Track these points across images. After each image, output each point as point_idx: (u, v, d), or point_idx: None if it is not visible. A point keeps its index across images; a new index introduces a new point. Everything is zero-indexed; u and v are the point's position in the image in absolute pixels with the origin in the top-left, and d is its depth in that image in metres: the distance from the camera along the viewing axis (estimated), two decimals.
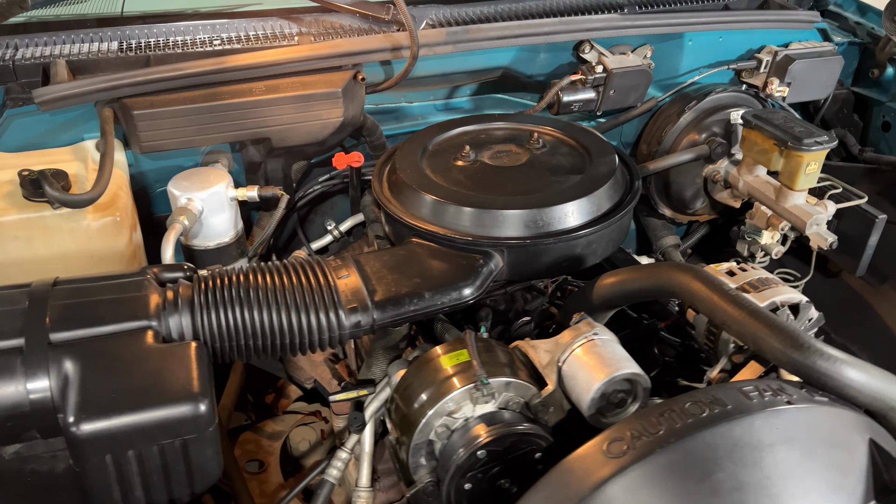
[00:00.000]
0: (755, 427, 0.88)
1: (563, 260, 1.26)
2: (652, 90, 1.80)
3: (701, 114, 1.74)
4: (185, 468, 0.97)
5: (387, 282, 1.16)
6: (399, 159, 1.40)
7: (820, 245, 1.62)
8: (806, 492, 0.86)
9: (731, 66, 1.79)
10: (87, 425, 0.90)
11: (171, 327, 1.04)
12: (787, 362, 0.97)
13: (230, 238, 1.43)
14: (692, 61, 1.81)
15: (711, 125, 1.74)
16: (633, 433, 0.88)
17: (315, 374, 1.76)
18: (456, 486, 0.98)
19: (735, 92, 1.77)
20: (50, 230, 1.25)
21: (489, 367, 1.04)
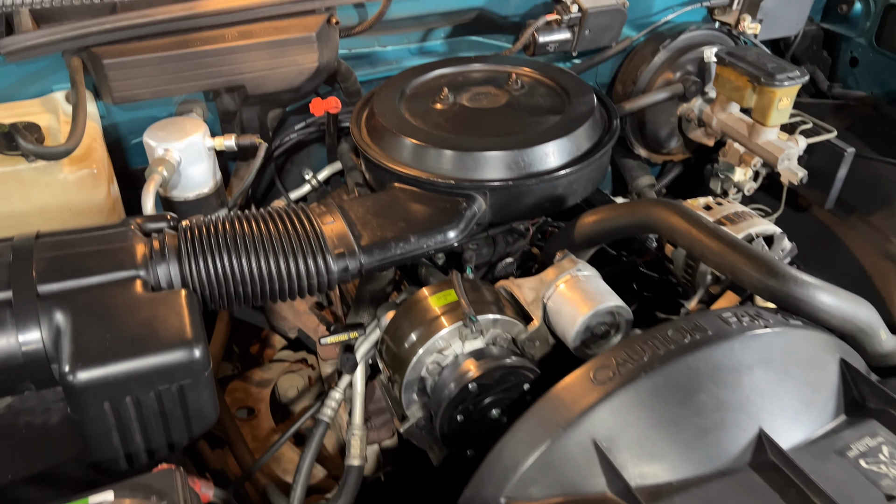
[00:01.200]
0: (735, 350, 0.92)
1: (544, 201, 1.28)
2: (626, 30, 1.80)
3: (675, 52, 1.74)
4: (182, 413, 0.99)
5: (372, 227, 1.17)
6: (377, 104, 1.39)
7: (791, 180, 1.66)
8: (781, 408, 0.91)
9: (704, 3, 1.79)
10: (83, 374, 0.91)
11: (159, 276, 1.05)
12: (763, 289, 1.01)
13: (209, 189, 1.42)
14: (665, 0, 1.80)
15: (685, 64, 1.75)
16: (618, 361, 0.92)
17: (299, 324, 1.78)
18: (448, 418, 1.02)
19: (708, 30, 1.78)
20: (26, 184, 1.23)
21: (476, 306, 1.07)
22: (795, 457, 0.86)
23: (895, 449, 0.88)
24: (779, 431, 0.89)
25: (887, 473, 0.85)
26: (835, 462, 0.87)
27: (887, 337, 1.08)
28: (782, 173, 1.66)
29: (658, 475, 0.86)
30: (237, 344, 1.88)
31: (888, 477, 0.84)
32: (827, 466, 0.86)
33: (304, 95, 1.60)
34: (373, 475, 1.40)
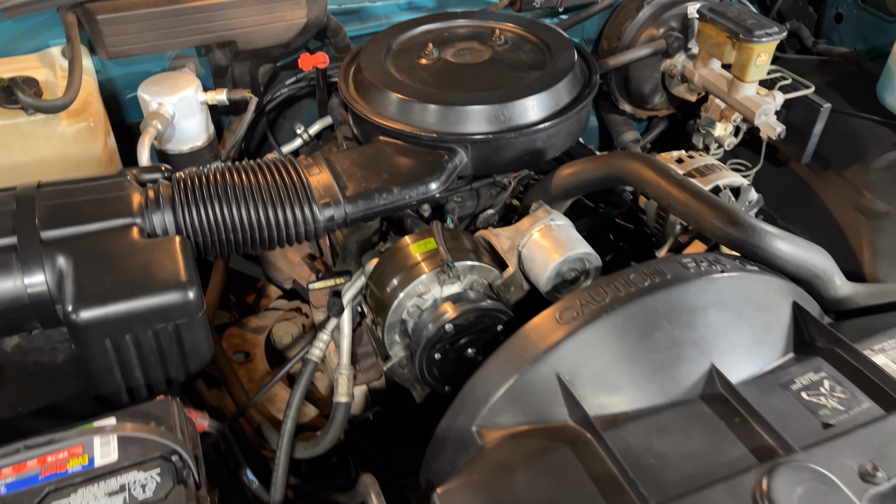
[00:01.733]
0: (691, 292, 0.98)
1: (524, 154, 1.33)
2: None
3: (659, 8, 1.77)
4: (178, 350, 1.06)
5: (357, 178, 1.22)
6: (364, 59, 1.43)
7: (769, 135, 1.70)
8: (733, 346, 0.98)
9: None
10: (85, 313, 0.98)
11: (154, 224, 1.11)
12: (724, 237, 1.07)
13: (203, 142, 1.48)
14: None
15: (669, 20, 1.77)
16: (582, 302, 0.98)
17: (293, 274, 1.85)
18: (427, 356, 1.09)
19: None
20: (26, 137, 1.28)
21: (455, 253, 1.13)
22: (742, 389, 0.93)
23: (835, 383, 0.95)
24: (729, 367, 0.96)
25: (826, 404, 0.92)
26: (779, 394, 0.94)
27: (842, 283, 1.14)
28: (761, 128, 1.70)
29: (615, 405, 0.94)
30: (234, 294, 1.96)
31: (826, 407, 0.92)
32: (771, 398, 0.94)
33: (294, 51, 1.64)
34: (362, 415, 1.49)
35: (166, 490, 0.81)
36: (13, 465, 0.83)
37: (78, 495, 0.81)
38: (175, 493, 0.81)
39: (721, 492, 0.78)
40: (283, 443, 1.18)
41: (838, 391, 0.94)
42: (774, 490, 0.77)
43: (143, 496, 0.81)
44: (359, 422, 1.50)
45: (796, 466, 0.80)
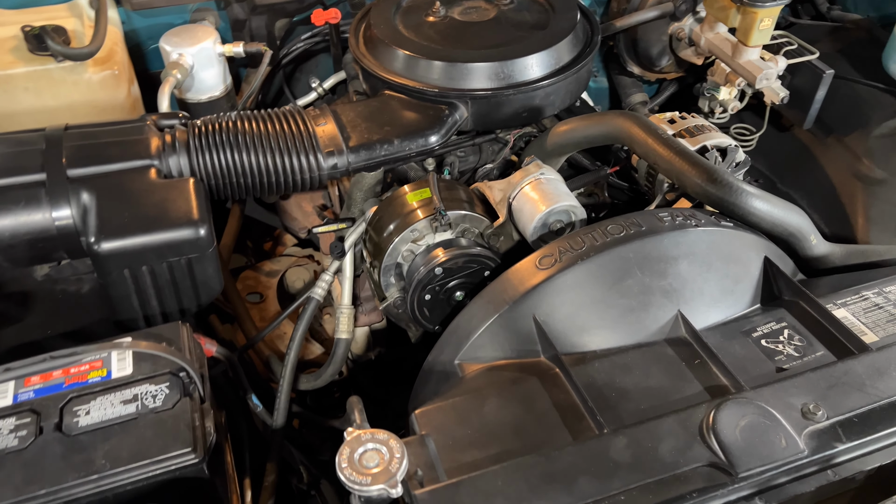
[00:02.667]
0: (663, 244, 1.05)
1: (522, 110, 1.38)
2: None
3: None
4: (191, 282, 1.16)
5: (360, 129, 1.30)
6: (374, 15, 1.49)
7: (773, 99, 1.74)
8: (700, 295, 1.05)
9: None
10: (106, 244, 1.08)
11: (170, 166, 1.20)
12: (702, 194, 1.13)
13: (220, 92, 1.55)
14: None
15: None
16: (560, 249, 1.05)
17: (307, 224, 1.94)
18: (418, 297, 1.17)
19: None
20: (55, 82, 1.37)
21: (448, 203, 1.21)
22: (705, 334, 1.00)
23: (794, 332, 1.02)
24: (696, 314, 1.03)
25: (782, 351, 0.99)
26: (739, 340, 1.01)
27: (818, 242, 1.19)
28: (765, 93, 1.73)
29: (585, 345, 1.01)
30: (251, 240, 2.05)
31: (782, 354, 0.99)
32: (731, 343, 1.01)
33: (309, 6, 1.69)
34: (364, 355, 1.59)
35: (174, 401, 0.91)
36: (41, 374, 0.94)
37: (97, 402, 0.91)
38: (181, 404, 0.91)
39: (671, 422, 0.86)
40: (286, 372, 1.28)
41: (796, 339, 1.01)
42: (719, 422, 0.84)
43: (153, 405, 0.91)
44: (362, 361, 1.60)
45: (742, 402, 0.87)
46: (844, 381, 0.90)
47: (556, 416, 0.91)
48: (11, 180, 1.11)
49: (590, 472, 0.81)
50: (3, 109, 1.38)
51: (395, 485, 0.78)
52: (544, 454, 0.83)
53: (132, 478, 0.85)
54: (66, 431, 0.88)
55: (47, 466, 0.84)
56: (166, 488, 0.88)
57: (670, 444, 0.84)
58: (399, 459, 0.79)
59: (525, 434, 0.89)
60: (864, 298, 1.06)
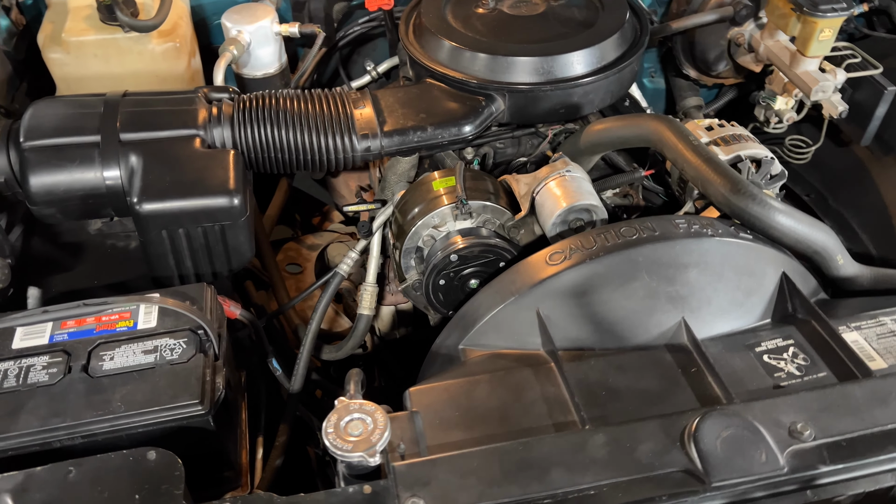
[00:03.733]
0: (675, 250, 1.05)
1: (559, 107, 1.39)
2: None
3: None
4: (223, 248, 1.23)
5: (397, 115, 1.34)
6: (425, 4, 1.52)
7: (831, 113, 1.68)
8: (707, 304, 1.05)
9: None
10: (146, 205, 1.16)
11: (214, 137, 1.27)
12: (725, 204, 1.12)
13: (275, 69, 1.62)
14: None
15: None
16: (571, 247, 1.07)
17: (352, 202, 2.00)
18: (433, 281, 1.21)
19: None
20: (122, 51, 1.47)
21: (472, 192, 1.24)
22: (706, 344, 1.01)
23: (800, 351, 1.01)
24: (700, 323, 1.03)
25: (783, 368, 0.98)
26: (741, 353, 1.01)
27: (845, 262, 1.17)
28: (824, 106, 1.69)
29: (584, 342, 1.03)
30: (300, 213, 2.14)
31: (783, 371, 0.98)
32: (732, 355, 1.01)
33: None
34: (390, 334, 1.64)
35: (189, 356, 0.99)
36: (76, 319, 1.03)
37: (121, 349, 0.99)
38: (195, 359, 0.98)
39: (654, 426, 0.87)
40: (307, 340, 1.34)
41: (800, 358, 1.00)
42: (701, 430, 0.85)
43: (170, 357, 0.98)
44: (388, 339, 1.65)
45: (728, 413, 0.87)
46: (839, 405, 0.89)
47: (543, 408, 0.93)
48: (69, 139, 1.20)
49: (564, 464, 0.83)
50: (74, 73, 1.48)
51: (374, 454, 0.82)
52: (523, 442, 0.86)
53: (143, 421, 0.93)
54: (91, 373, 0.96)
55: (70, 403, 0.93)
56: (174, 435, 0.95)
57: (649, 446, 0.85)
58: (381, 431, 0.84)
59: (510, 421, 0.92)
60: (880, 324, 1.03)
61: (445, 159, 1.52)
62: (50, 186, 1.19)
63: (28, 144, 1.19)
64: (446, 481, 0.82)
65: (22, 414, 0.91)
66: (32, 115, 1.23)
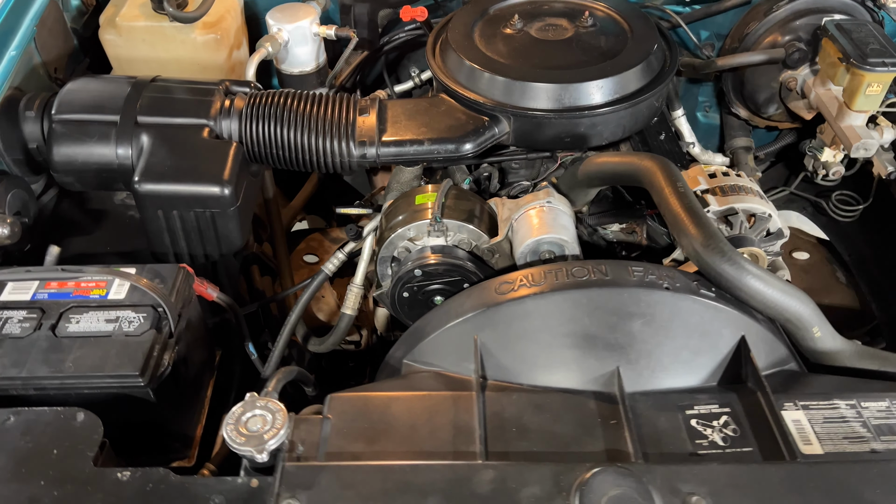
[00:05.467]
0: (622, 298, 1.03)
1: (565, 135, 1.38)
2: None
3: (791, 14, 1.65)
4: (214, 234, 1.31)
5: (398, 126, 1.37)
6: (456, 18, 1.54)
7: (880, 172, 1.58)
8: (646, 356, 1.02)
9: None
10: (145, 185, 1.25)
11: (223, 128, 1.35)
12: (693, 256, 1.08)
13: (311, 68, 1.70)
14: None
15: (799, 29, 1.65)
16: (520, 279, 1.07)
17: None
18: (397, 292, 1.24)
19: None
20: (167, 38, 1.58)
21: (451, 211, 1.25)
22: (636, 397, 0.98)
23: (732, 422, 0.96)
24: (636, 376, 1.01)
25: (708, 436, 0.95)
26: (669, 413, 0.97)
27: (823, 335, 1.10)
28: (874, 164, 1.58)
29: (515, 376, 1.03)
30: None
31: (706, 439, 0.94)
32: (659, 414, 0.97)
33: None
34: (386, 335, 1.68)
35: (143, 330, 1.06)
36: (58, 281, 1.13)
37: (88, 315, 1.08)
38: (148, 334, 1.06)
39: (546, 471, 0.86)
40: (285, 330, 1.40)
41: (730, 429, 0.95)
42: (589, 485, 0.83)
43: (126, 329, 1.06)
44: (384, 340, 1.69)
45: (624, 473, 0.85)
46: (747, 484, 0.85)
47: (449, 434, 0.94)
48: (93, 116, 1.31)
49: (443, 494, 0.84)
50: (125, 55, 1.61)
51: (263, 451, 0.86)
52: (413, 465, 0.87)
53: (88, 384, 1.01)
54: (57, 333, 1.06)
55: (31, 357, 1.02)
56: (116, 401, 1.03)
57: (533, 490, 0.84)
58: (277, 430, 0.88)
59: (413, 442, 0.93)
60: (832, 407, 0.97)
61: (456, 173, 1.54)
62: (70, 157, 1.31)
63: (57, 117, 1.32)
64: (326, 489, 0.85)
65: None
66: (67, 90, 1.35)
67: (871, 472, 0.87)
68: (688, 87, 1.97)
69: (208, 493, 0.86)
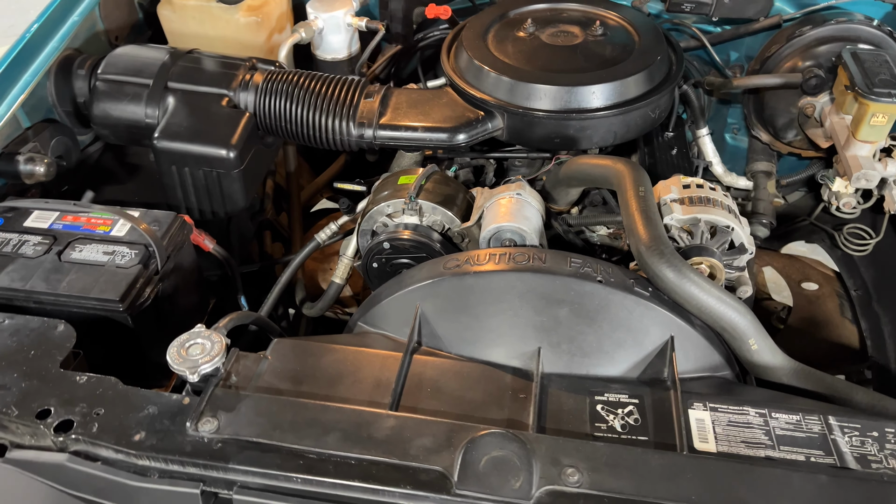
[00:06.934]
0: (553, 285, 1.09)
1: (554, 136, 1.44)
2: (785, 5, 1.73)
3: (814, 41, 1.64)
4: (219, 192, 1.45)
5: (398, 112, 1.47)
6: (475, 19, 1.63)
7: (889, 207, 1.55)
8: (568, 341, 1.07)
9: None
10: (161, 143, 1.41)
11: (240, 99, 1.49)
12: (637, 256, 1.13)
13: (343, 56, 1.82)
14: None
15: (821, 55, 1.64)
16: (467, 258, 1.14)
17: None
18: (368, 262, 1.33)
19: (871, 27, 1.62)
20: (215, 17, 1.74)
21: (429, 194, 1.34)
22: (552, 378, 1.04)
23: (636, 412, 1.00)
24: (557, 358, 1.07)
25: (608, 421, 0.99)
26: (578, 396, 1.02)
27: (761, 348, 1.11)
28: (885, 198, 1.55)
29: (447, 346, 1.11)
30: None
31: (605, 424, 0.99)
32: (569, 396, 1.03)
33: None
34: None
35: (132, 264, 1.20)
36: (73, 216, 1.29)
37: (91, 246, 1.24)
38: (135, 268, 1.20)
39: (442, 427, 0.93)
40: (274, 290, 1.52)
41: (631, 419, 0.99)
42: (475, 443, 0.90)
43: (118, 262, 1.21)
44: None
45: (511, 439, 0.91)
46: (628, 466, 0.89)
47: (369, 386, 1.03)
48: (130, 78, 1.48)
49: (343, 433, 0.93)
50: (178, 29, 1.79)
51: (195, 373, 0.98)
52: (323, 405, 0.97)
53: (76, 303, 1.16)
54: (63, 258, 1.22)
55: (36, 275, 1.18)
56: (100, 322, 1.17)
57: (424, 442, 0.92)
58: (211, 358, 0.99)
59: (335, 388, 1.03)
60: (741, 412, 0.99)
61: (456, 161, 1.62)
62: (106, 112, 1.48)
63: (101, 76, 1.49)
64: (244, 414, 0.95)
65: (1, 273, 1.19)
66: (114, 54, 1.53)
67: (752, 474, 0.89)
68: (718, 107, 1.98)
69: (146, 403, 0.98)
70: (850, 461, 0.93)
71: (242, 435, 0.93)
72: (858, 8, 1.68)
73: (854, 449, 0.95)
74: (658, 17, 1.87)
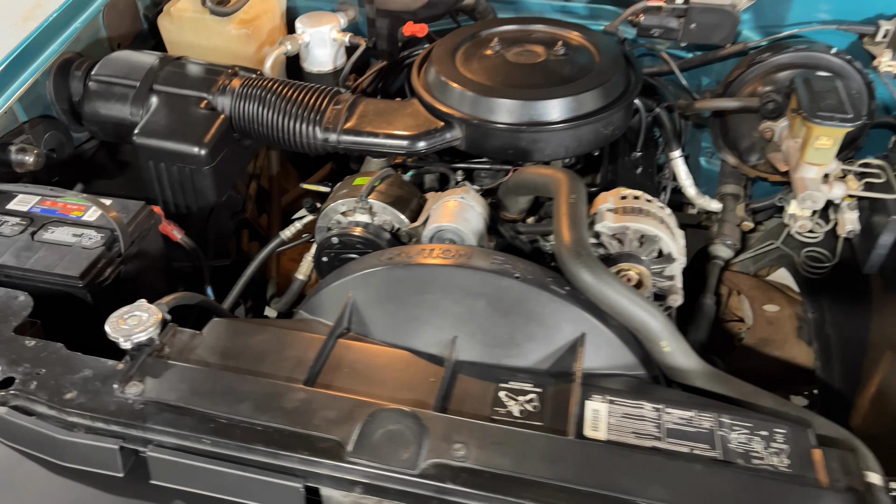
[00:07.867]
0: (473, 279, 1.15)
1: (508, 148, 1.50)
2: (751, 33, 1.79)
3: (774, 67, 1.69)
4: (192, 188, 1.55)
5: (363, 119, 1.55)
6: (446, 39, 1.72)
7: (839, 231, 1.58)
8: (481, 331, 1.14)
9: (843, 27, 1.67)
10: (140, 139, 1.52)
11: (218, 102, 1.59)
12: (558, 256, 1.18)
13: (328, 69, 1.92)
14: (805, 13, 1.73)
15: (781, 81, 1.68)
16: (400, 253, 1.22)
17: None
18: (318, 256, 1.42)
19: (829, 55, 1.67)
20: (208, 28, 1.86)
21: (381, 195, 1.42)
22: (463, 365, 1.10)
23: (537, 400, 1.05)
24: (471, 347, 1.13)
25: (507, 405, 1.05)
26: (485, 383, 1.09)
27: (674, 350, 1.15)
28: (838, 222, 1.59)
29: (375, 333, 1.18)
30: None
31: (505, 407, 1.04)
32: (476, 382, 1.09)
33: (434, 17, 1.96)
34: None
35: (96, 246, 1.30)
36: (51, 200, 1.40)
37: (63, 229, 1.34)
38: (98, 249, 1.30)
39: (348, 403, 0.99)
40: (239, 283, 1.61)
41: (531, 406, 1.05)
42: (374, 416, 0.97)
43: (84, 243, 1.31)
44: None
45: (409, 416, 0.97)
46: (513, 446, 0.94)
47: (290, 364, 1.10)
48: (119, 80, 1.61)
49: (255, 402, 1.00)
50: (176, 39, 1.92)
51: (128, 342, 1.06)
52: (240, 377, 1.04)
53: (41, 278, 1.26)
54: (35, 238, 1.32)
55: (8, 252, 1.29)
56: (62, 297, 1.27)
57: (328, 414, 0.99)
58: (144, 329, 1.08)
59: (258, 364, 1.10)
60: (637, 406, 1.03)
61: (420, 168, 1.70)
62: (95, 110, 1.60)
63: (94, 77, 1.62)
64: (168, 380, 1.04)
65: None
66: (107, 58, 1.66)
67: (630, 460, 0.94)
68: (693, 131, 2.03)
69: (83, 367, 1.07)
70: (733, 456, 0.97)
71: (163, 399, 1.01)
72: (823, 37, 1.73)
73: (740, 445, 0.98)
74: (635, 41, 1.94)
